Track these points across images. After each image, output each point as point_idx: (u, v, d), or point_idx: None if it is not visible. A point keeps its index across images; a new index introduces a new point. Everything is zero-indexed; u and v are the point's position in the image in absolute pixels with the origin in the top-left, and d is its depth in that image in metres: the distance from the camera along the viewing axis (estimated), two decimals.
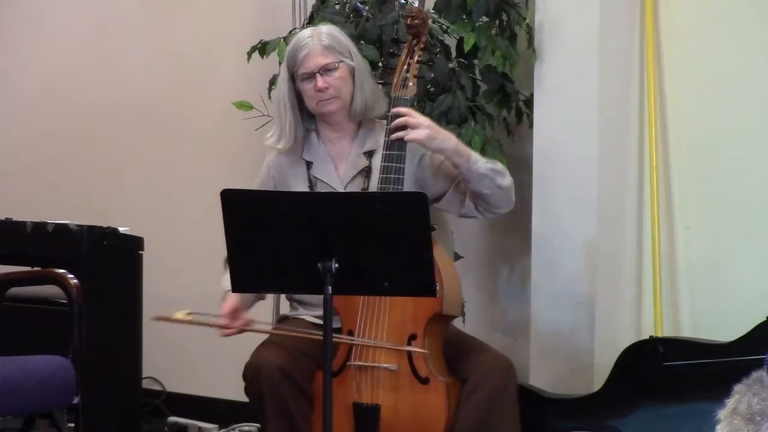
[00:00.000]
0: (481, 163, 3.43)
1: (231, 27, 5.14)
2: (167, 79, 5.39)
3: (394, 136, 3.38)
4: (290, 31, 4.44)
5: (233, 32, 5.07)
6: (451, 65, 4.18)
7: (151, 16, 5.46)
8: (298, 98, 3.55)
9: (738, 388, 1.82)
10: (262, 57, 4.37)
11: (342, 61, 3.50)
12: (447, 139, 3.41)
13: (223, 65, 5.17)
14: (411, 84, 3.48)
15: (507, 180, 3.47)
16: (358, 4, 4.26)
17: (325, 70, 3.48)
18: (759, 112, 3.97)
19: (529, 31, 4.15)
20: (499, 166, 3.48)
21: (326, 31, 3.55)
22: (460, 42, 4.16)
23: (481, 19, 4.16)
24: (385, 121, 3.48)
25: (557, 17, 4.11)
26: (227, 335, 3.44)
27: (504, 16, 4.20)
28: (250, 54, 4.38)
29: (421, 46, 3.52)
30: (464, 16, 4.16)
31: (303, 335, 3.41)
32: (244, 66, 4.44)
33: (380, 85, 3.62)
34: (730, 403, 1.81)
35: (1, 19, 5.91)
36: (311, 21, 4.35)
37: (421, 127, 3.38)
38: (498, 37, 4.15)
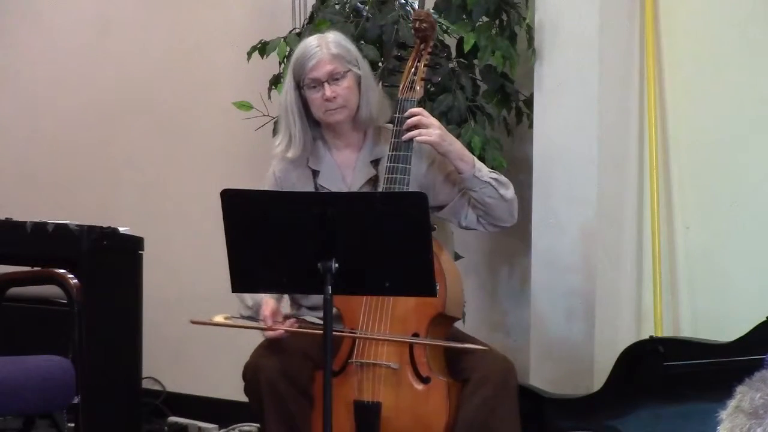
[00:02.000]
0: (484, 171, 3.46)
1: (231, 27, 5.14)
2: (167, 79, 5.39)
3: (406, 136, 3.40)
4: (290, 31, 4.44)
5: (233, 32, 5.07)
6: (451, 65, 4.18)
7: (150, 16, 5.46)
8: (305, 106, 3.54)
9: (740, 388, 1.82)
10: (262, 57, 4.37)
11: (350, 70, 3.50)
12: (453, 141, 3.45)
13: (223, 65, 5.17)
14: (418, 87, 3.51)
15: (510, 192, 3.49)
16: (358, 4, 4.26)
17: (333, 78, 3.48)
18: (759, 111, 3.97)
19: (529, 31, 4.15)
20: (503, 178, 3.50)
21: (333, 39, 3.54)
22: (460, 42, 4.16)
23: (481, 19, 4.16)
24: (392, 126, 3.49)
25: (557, 17, 4.11)
26: (271, 337, 3.40)
27: (504, 16, 4.20)
28: (250, 54, 4.38)
29: (429, 50, 3.55)
30: (464, 16, 4.16)
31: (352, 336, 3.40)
32: (244, 66, 4.44)
33: (385, 89, 3.63)
34: (733, 402, 1.81)
35: (0, 20, 5.91)
36: (311, 21, 4.35)
37: (432, 127, 3.41)
38: (498, 37, 4.15)
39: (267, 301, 3.41)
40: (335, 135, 3.58)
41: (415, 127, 3.40)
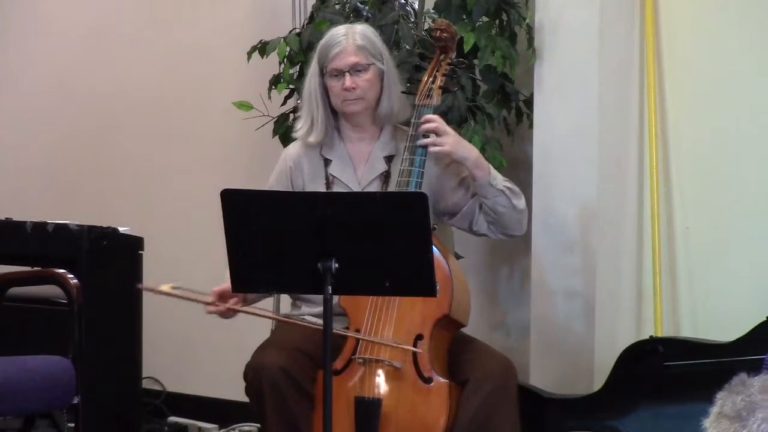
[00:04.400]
0: (499, 179, 3.50)
1: (231, 27, 5.14)
2: (167, 79, 5.39)
3: (420, 142, 3.44)
4: (290, 31, 4.44)
5: (233, 32, 5.07)
6: (450, 66, 4.18)
7: (151, 16, 5.46)
8: (326, 93, 3.56)
9: (720, 394, 1.82)
10: (262, 57, 4.38)
11: (373, 64, 3.53)
12: (470, 149, 3.49)
13: (223, 65, 5.17)
14: (435, 95, 3.55)
15: (522, 203, 3.53)
16: (358, 4, 4.27)
17: (355, 70, 3.51)
18: (759, 112, 3.97)
19: (529, 31, 4.15)
20: (517, 188, 3.54)
21: (361, 31, 3.57)
22: (460, 42, 4.16)
23: (481, 19, 4.16)
24: (408, 128, 3.51)
25: (557, 17, 4.11)
26: (210, 312, 3.43)
27: (504, 16, 4.20)
28: (250, 54, 4.39)
29: (449, 61, 3.59)
30: (464, 16, 4.16)
31: (300, 324, 3.41)
32: (244, 66, 4.44)
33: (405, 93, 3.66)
34: (714, 409, 1.81)
35: (0, 20, 5.91)
36: (311, 21, 4.35)
37: (447, 135, 3.44)
38: (498, 37, 4.15)
39: (225, 282, 3.37)
40: (352, 126, 3.61)
41: (431, 132, 3.43)
